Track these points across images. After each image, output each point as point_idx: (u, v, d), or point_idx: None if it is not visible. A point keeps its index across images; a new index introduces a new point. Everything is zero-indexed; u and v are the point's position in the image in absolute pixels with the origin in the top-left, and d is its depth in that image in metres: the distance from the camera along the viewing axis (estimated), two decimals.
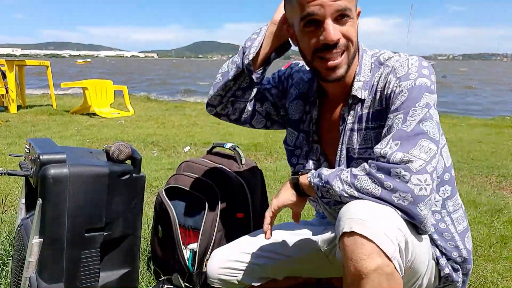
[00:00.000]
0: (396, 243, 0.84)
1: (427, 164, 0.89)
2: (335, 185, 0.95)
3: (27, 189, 1.28)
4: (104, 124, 6.16)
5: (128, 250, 1.22)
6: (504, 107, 12.69)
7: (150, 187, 3.02)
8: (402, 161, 0.89)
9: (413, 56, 1.04)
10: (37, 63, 8.49)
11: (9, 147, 4.38)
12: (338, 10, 0.98)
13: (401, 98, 0.97)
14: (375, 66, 1.07)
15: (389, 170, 0.89)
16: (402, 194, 0.88)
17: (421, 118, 0.93)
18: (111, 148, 1.16)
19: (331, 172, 0.99)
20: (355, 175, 0.94)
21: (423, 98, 0.96)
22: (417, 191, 0.87)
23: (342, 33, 1.00)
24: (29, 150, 1.19)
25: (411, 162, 0.88)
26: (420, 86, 0.97)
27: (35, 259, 1.07)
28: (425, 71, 1.00)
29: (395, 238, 0.84)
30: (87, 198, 1.09)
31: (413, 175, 0.87)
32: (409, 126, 0.93)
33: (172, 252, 1.54)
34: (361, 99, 1.06)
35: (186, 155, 4.22)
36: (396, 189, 0.88)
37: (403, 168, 0.88)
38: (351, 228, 0.84)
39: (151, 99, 10.86)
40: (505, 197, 2.97)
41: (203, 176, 1.51)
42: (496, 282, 1.74)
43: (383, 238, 0.83)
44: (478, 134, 5.64)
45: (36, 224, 1.05)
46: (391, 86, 1.00)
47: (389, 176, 0.89)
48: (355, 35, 1.03)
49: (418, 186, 0.87)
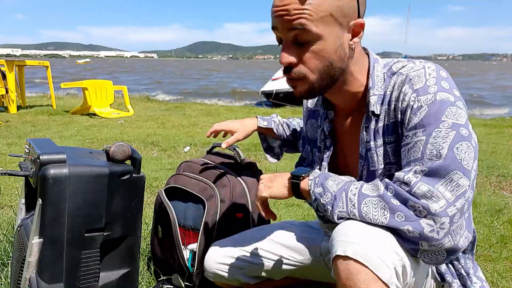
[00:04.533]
0: (393, 268, 0.80)
1: (449, 206, 0.79)
2: (336, 207, 0.87)
3: (27, 189, 1.28)
4: (104, 124, 6.16)
5: (128, 250, 1.22)
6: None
7: (150, 187, 3.02)
8: (424, 196, 0.80)
9: (429, 64, 0.91)
10: (37, 63, 8.49)
11: (9, 147, 4.38)
12: (289, 28, 0.86)
13: (420, 115, 0.85)
14: (387, 77, 0.95)
15: (407, 200, 0.81)
16: (410, 229, 0.80)
17: (451, 141, 0.81)
18: (111, 148, 1.16)
19: (338, 187, 0.88)
20: (364, 195, 0.85)
21: (448, 116, 0.83)
22: (427, 232, 0.79)
23: (299, 59, 0.89)
24: (29, 151, 1.19)
25: (433, 201, 0.79)
26: (441, 102, 0.84)
27: (35, 259, 1.07)
28: (444, 84, 0.87)
29: (391, 263, 0.79)
30: (87, 198, 1.09)
31: (429, 215, 0.79)
32: (440, 151, 0.81)
33: (172, 252, 1.54)
34: (376, 114, 0.95)
35: (186, 155, 4.22)
36: (407, 222, 0.81)
37: (422, 205, 0.79)
38: (345, 251, 0.79)
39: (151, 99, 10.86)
40: (505, 197, 2.97)
41: (203, 176, 1.51)
42: (496, 282, 1.74)
43: (379, 264, 0.78)
44: (478, 134, 5.64)
45: (36, 224, 1.05)
46: (407, 98, 0.88)
47: (405, 206, 0.81)
48: (322, 60, 0.89)
49: (431, 227, 0.79)
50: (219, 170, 1.51)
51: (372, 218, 0.83)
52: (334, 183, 0.90)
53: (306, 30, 0.85)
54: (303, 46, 0.88)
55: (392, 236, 0.83)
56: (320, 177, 0.92)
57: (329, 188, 0.89)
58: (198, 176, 1.52)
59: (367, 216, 0.84)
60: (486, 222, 2.42)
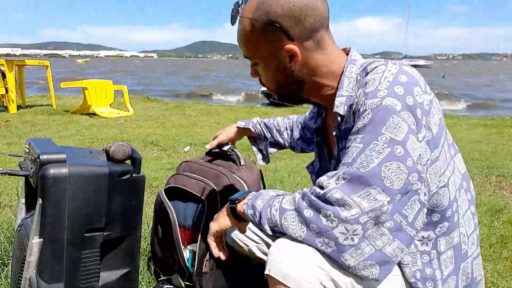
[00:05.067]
0: (318, 283, 0.82)
1: (362, 215, 0.79)
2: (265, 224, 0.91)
3: (27, 189, 1.28)
4: (104, 124, 6.16)
5: (128, 250, 1.22)
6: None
7: (150, 187, 3.02)
8: (337, 202, 0.80)
9: (393, 67, 0.88)
10: (37, 63, 8.49)
11: (9, 147, 4.38)
12: (243, 54, 1.02)
13: (363, 119, 0.84)
14: (361, 77, 0.94)
15: (320, 210, 0.81)
16: (326, 240, 0.81)
17: (383, 158, 0.80)
18: (111, 148, 1.16)
19: (264, 204, 0.92)
20: (283, 210, 0.87)
21: (388, 129, 0.80)
22: (342, 240, 0.80)
23: (258, 75, 1.03)
24: (29, 150, 1.19)
25: (345, 208, 0.79)
26: (386, 109, 0.81)
27: (35, 259, 1.07)
28: (398, 89, 0.82)
29: (314, 279, 0.81)
30: (87, 198, 1.09)
31: (340, 223, 0.79)
32: (370, 164, 0.80)
33: (172, 252, 1.53)
34: (341, 115, 0.96)
35: (186, 155, 4.22)
36: (321, 233, 0.81)
37: (333, 212, 0.80)
38: (269, 270, 0.84)
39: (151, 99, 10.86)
40: (505, 197, 2.97)
41: (202, 176, 1.51)
42: (496, 282, 1.74)
43: (299, 282, 0.81)
44: (478, 134, 5.64)
45: (36, 224, 1.05)
46: (359, 102, 0.87)
47: (319, 216, 0.82)
48: (271, 77, 1.01)
49: (344, 235, 0.79)
50: (218, 170, 1.51)
51: (292, 233, 0.85)
52: (261, 201, 0.93)
53: (249, 57, 1.01)
54: (255, 66, 1.02)
55: (316, 251, 0.84)
56: (252, 198, 0.96)
57: (257, 207, 0.93)
58: (198, 176, 1.52)
59: (288, 231, 0.86)
60: (486, 222, 2.42)
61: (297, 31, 0.93)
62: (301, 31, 0.93)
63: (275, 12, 0.91)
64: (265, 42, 0.95)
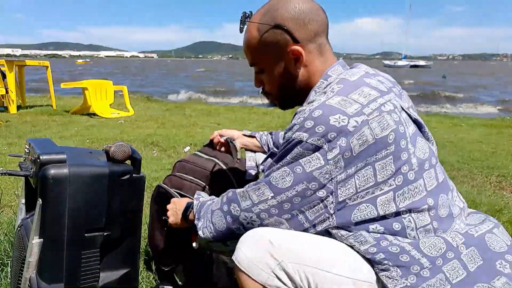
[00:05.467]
0: (270, 271, 0.87)
1: (253, 205, 0.95)
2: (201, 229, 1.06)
3: (27, 189, 1.28)
4: (104, 124, 6.16)
5: (128, 250, 1.22)
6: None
7: (150, 187, 3.02)
8: (240, 195, 0.99)
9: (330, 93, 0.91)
10: (37, 63, 8.48)
11: (9, 147, 4.38)
12: (249, 63, 1.06)
13: (280, 147, 0.93)
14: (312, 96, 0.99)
15: (230, 203, 1.00)
16: (236, 226, 0.99)
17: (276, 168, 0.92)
18: (111, 148, 1.16)
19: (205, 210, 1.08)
20: (212, 212, 1.04)
21: (294, 157, 0.89)
22: (246, 224, 0.97)
23: (262, 83, 1.08)
24: (29, 151, 1.19)
25: (242, 200, 0.97)
26: (294, 142, 0.89)
27: (35, 259, 1.07)
28: (308, 124, 0.87)
29: (266, 266, 0.88)
30: (87, 198, 1.09)
31: (242, 211, 0.97)
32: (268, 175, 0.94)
33: (178, 242, 1.51)
34: None
35: (186, 155, 4.23)
36: (232, 220, 1.00)
37: (237, 203, 0.98)
38: (234, 257, 0.92)
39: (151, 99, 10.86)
40: (505, 197, 2.97)
41: (196, 176, 1.50)
42: None
43: (252, 267, 0.88)
44: (478, 134, 5.64)
45: (36, 224, 1.05)
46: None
47: (229, 207, 1.00)
48: (275, 83, 1.04)
49: (245, 220, 0.97)
50: (211, 168, 1.50)
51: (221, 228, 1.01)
52: (203, 209, 1.09)
53: (254, 64, 1.06)
54: (260, 73, 1.07)
55: (270, 240, 0.89)
56: (199, 204, 1.12)
57: (201, 218, 1.08)
58: (193, 178, 1.51)
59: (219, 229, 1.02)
60: None
61: (302, 33, 0.98)
62: (305, 34, 0.98)
63: (282, 16, 0.97)
64: (272, 46, 0.99)
